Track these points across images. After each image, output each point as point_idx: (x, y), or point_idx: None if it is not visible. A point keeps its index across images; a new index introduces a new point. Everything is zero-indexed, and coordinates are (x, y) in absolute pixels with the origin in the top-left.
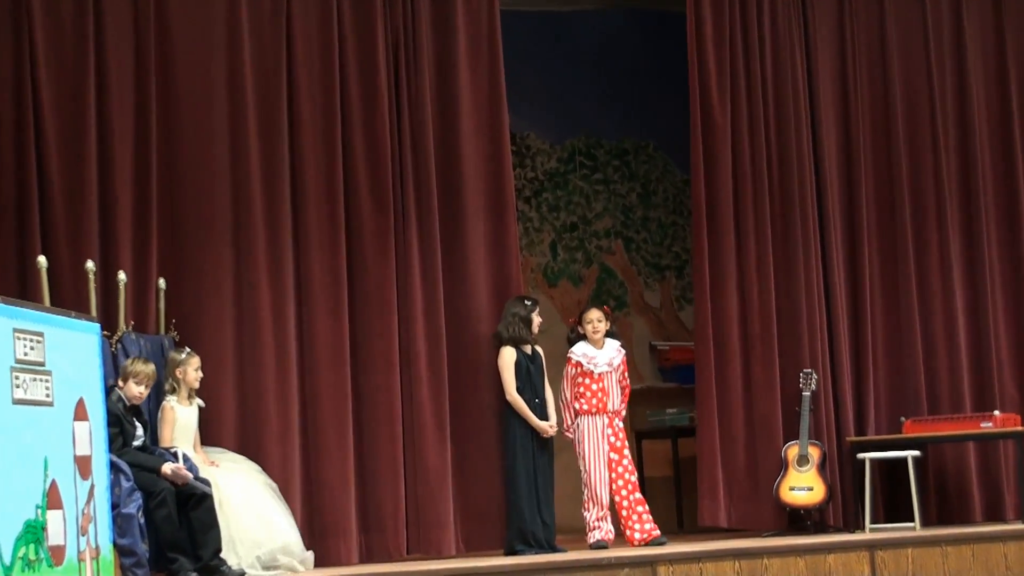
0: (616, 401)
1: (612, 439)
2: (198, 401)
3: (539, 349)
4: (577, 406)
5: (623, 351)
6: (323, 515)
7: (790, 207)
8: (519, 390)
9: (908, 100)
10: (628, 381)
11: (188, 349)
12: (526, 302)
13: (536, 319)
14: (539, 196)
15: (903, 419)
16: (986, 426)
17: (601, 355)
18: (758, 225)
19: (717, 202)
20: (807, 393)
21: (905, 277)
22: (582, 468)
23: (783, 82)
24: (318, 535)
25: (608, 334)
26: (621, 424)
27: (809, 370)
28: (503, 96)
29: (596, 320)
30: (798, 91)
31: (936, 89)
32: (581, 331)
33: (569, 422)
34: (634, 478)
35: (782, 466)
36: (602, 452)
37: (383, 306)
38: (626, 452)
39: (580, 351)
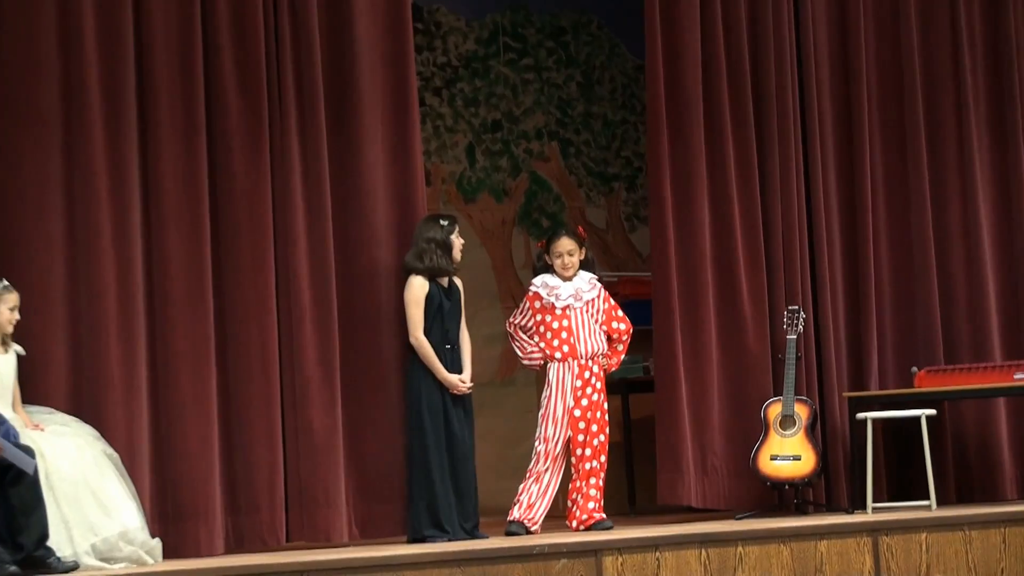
0: (593, 345)
1: (579, 393)
2: (15, 348)
3: (458, 282)
4: (543, 345)
5: (599, 285)
6: (179, 493)
7: (765, 98)
8: (427, 332)
9: None
10: (621, 316)
11: (5, 282)
12: (441, 222)
13: (457, 240)
14: (452, 87)
15: (914, 369)
16: (1020, 378)
17: (565, 287)
18: (737, 122)
19: (681, 92)
20: (793, 336)
21: (917, 188)
22: (538, 426)
23: None
24: (172, 518)
25: (583, 264)
26: (598, 371)
27: (796, 307)
28: None
29: (567, 254)
30: None
31: None
32: (549, 262)
33: (522, 351)
34: (599, 442)
35: (762, 430)
36: (560, 407)
37: (255, 229)
38: (599, 413)
39: (540, 281)
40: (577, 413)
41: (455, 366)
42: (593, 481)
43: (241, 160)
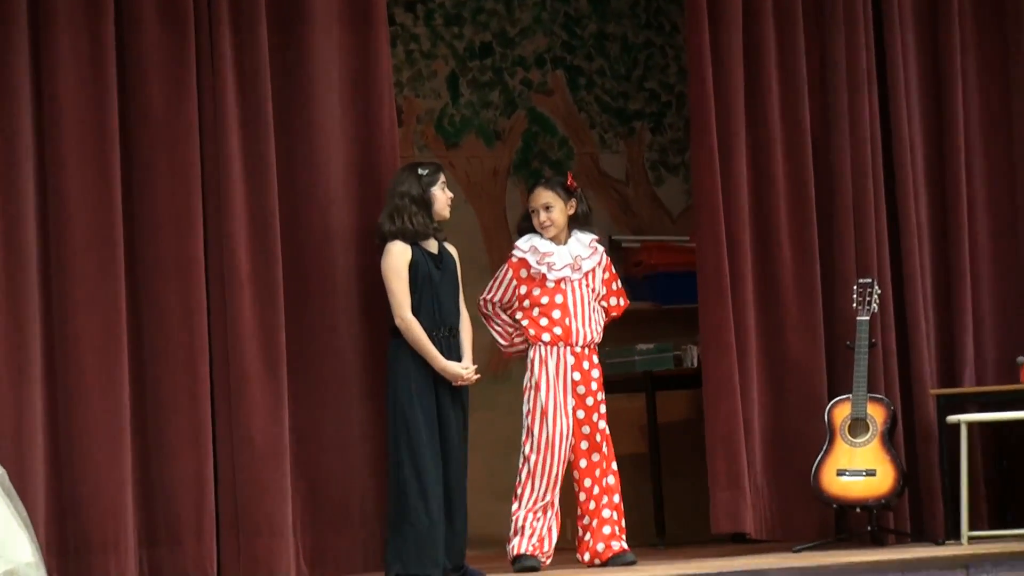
0: (592, 327)
1: (582, 388)
2: None
3: (451, 248)
4: (526, 323)
5: (600, 248)
6: (82, 518)
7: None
8: (415, 312)
9: None
10: (620, 289)
11: None
12: (420, 171)
13: (441, 194)
14: (429, 0)
15: (1021, 359)
16: None
17: (561, 253)
18: (784, 40)
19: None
20: (865, 316)
21: (1021, 120)
22: (524, 430)
23: None
24: (74, 550)
25: (575, 221)
26: (596, 360)
27: (868, 279)
28: None
29: (543, 208)
30: None
31: None
32: None
33: (504, 336)
34: (608, 449)
35: (825, 437)
36: (560, 407)
37: (177, 181)
38: (602, 410)
39: (527, 244)
40: (581, 414)
41: (453, 354)
42: (606, 500)
43: (160, 89)
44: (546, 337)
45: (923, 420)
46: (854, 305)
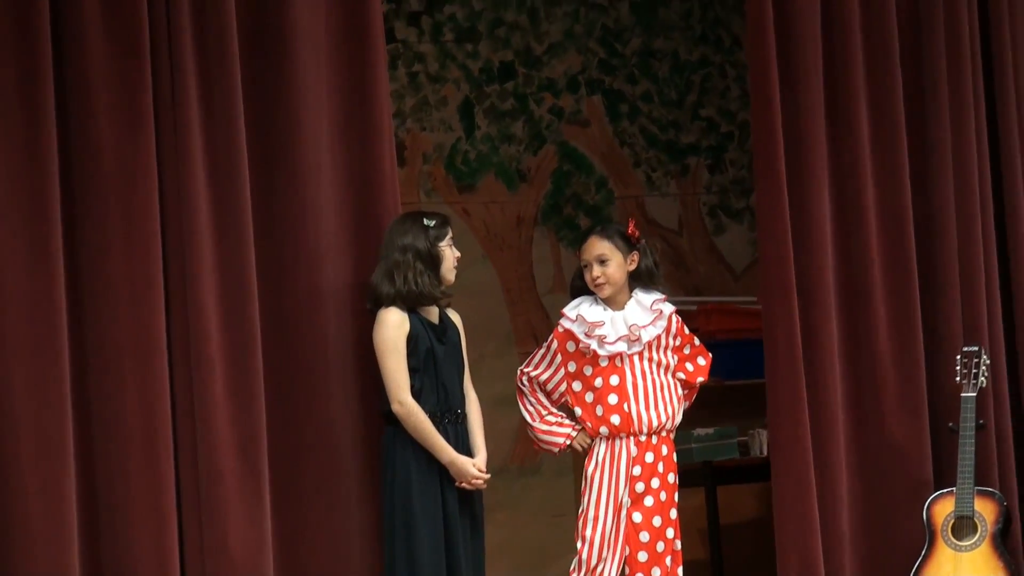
0: (661, 410)
1: (641, 486)
2: None
3: (453, 316)
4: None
5: (667, 309)
6: None
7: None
8: (416, 393)
9: None
10: (699, 348)
11: None
12: (425, 221)
13: (449, 252)
14: (436, 11)
15: None
16: None
17: (614, 322)
18: (872, 61)
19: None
20: (971, 392)
21: None
22: (579, 527)
23: None
24: None
25: (638, 279)
26: (668, 453)
27: (975, 347)
28: None
29: (596, 261)
30: None
31: None
32: None
33: (533, 416)
34: (671, 562)
35: (925, 539)
36: (610, 509)
37: (132, 235)
38: (671, 516)
39: (574, 311)
40: (638, 518)
41: (460, 445)
42: None
43: (109, 127)
44: (604, 430)
45: None
46: (958, 379)
